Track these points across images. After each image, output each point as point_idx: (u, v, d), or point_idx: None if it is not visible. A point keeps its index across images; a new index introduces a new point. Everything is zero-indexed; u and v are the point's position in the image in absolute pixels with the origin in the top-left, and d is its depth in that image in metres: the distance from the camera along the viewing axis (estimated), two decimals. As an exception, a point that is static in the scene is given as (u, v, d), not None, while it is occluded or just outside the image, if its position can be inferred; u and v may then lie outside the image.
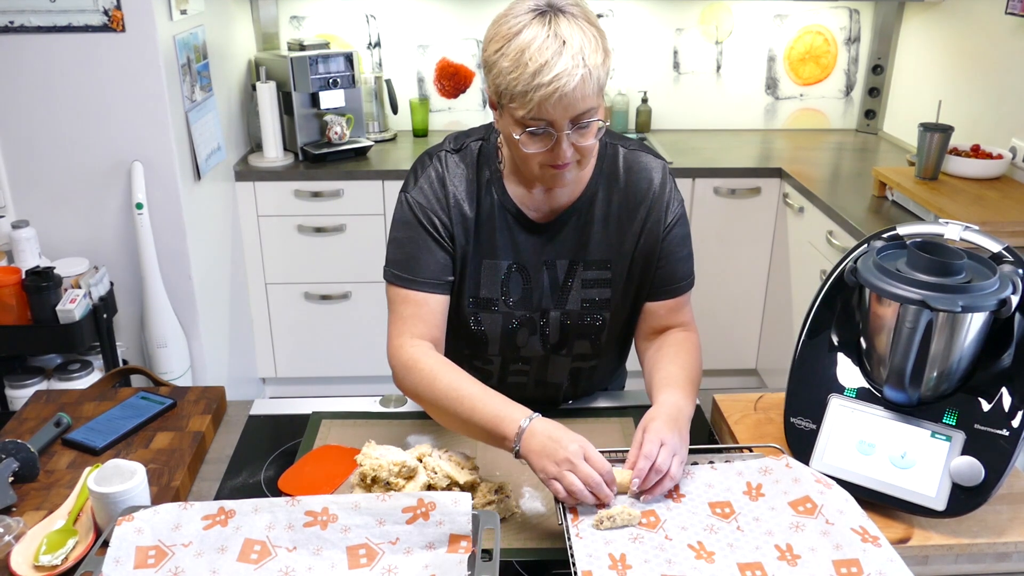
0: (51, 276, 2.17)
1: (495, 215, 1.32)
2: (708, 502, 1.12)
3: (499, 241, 1.33)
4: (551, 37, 1.11)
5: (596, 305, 1.36)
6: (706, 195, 3.01)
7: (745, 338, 3.26)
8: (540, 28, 1.11)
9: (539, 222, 1.33)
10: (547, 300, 1.35)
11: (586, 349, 1.40)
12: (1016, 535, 1.14)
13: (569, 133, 1.16)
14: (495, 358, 1.41)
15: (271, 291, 3.11)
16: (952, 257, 1.15)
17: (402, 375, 1.27)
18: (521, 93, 1.12)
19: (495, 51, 1.15)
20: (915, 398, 1.18)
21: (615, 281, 1.35)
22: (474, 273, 1.34)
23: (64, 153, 2.36)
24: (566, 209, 1.32)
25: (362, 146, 3.07)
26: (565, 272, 1.35)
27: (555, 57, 1.10)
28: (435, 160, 1.33)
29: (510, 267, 1.34)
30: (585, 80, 1.12)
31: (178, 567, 0.99)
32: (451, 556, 1.00)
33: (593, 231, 1.33)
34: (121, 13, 2.24)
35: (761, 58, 3.45)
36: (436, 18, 3.33)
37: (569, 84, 1.10)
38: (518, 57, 1.11)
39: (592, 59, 1.12)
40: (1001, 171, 2.55)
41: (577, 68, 1.10)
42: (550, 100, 1.11)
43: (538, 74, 1.10)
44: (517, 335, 1.37)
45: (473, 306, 1.35)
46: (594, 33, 1.14)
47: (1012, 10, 2.62)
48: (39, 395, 1.47)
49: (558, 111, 1.13)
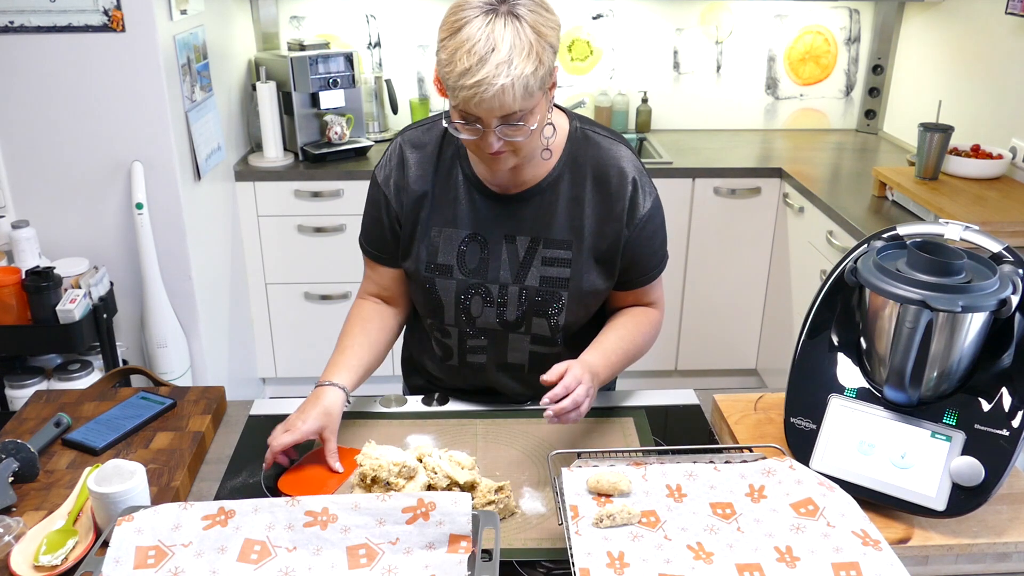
0: (51, 276, 2.17)
1: (458, 186, 1.39)
2: (709, 502, 1.12)
3: (459, 211, 1.39)
4: (483, 41, 1.15)
5: (555, 283, 1.39)
6: (706, 195, 3.01)
7: (745, 338, 3.26)
8: (480, 28, 1.15)
9: (502, 194, 1.38)
10: (505, 273, 1.40)
11: (544, 331, 1.43)
12: (1016, 535, 1.14)
13: (499, 128, 1.21)
14: (452, 329, 1.45)
15: (271, 291, 3.11)
16: (952, 257, 1.15)
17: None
18: (450, 88, 1.19)
19: (440, 39, 1.20)
20: (915, 398, 1.18)
21: (575, 262, 1.38)
22: (432, 240, 1.40)
23: (64, 153, 2.36)
24: (530, 187, 1.37)
25: (362, 146, 3.07)
26: (526, 248, 1.39)
27: (479, 64, 1.14)
28: (400, 137, 1.43)
29: (468, 236, 1.39)
30: (506, 89, 1.15)
31: (178, 567, 0.99)
32: (451, 556, 1.00)
33: (557, 211, 1.38)
34: (121, 13, 2.24)
35: (761, 58, 3.45)
36: (436, 18, 3.30)
37: (488, 91, 1.15)
38: (452, 54, 1.17)
39: (519, 68, 1.15)
40: (1001, 171, 2.55)
41: (498, 77, 1.14)
42: (471, 101, 1.17)
43: (463, 75, 1.15)
44: (471, 303, 1.41)
45: (429, 271, 1.41)
46: (533, 40, 1.17)
47: (1012, 10, 2.62)
48: (39, 395, 1.47)
49: (481, 111, 1.19)
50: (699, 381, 3.33)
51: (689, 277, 3.14)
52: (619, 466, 1.16)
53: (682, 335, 3.24)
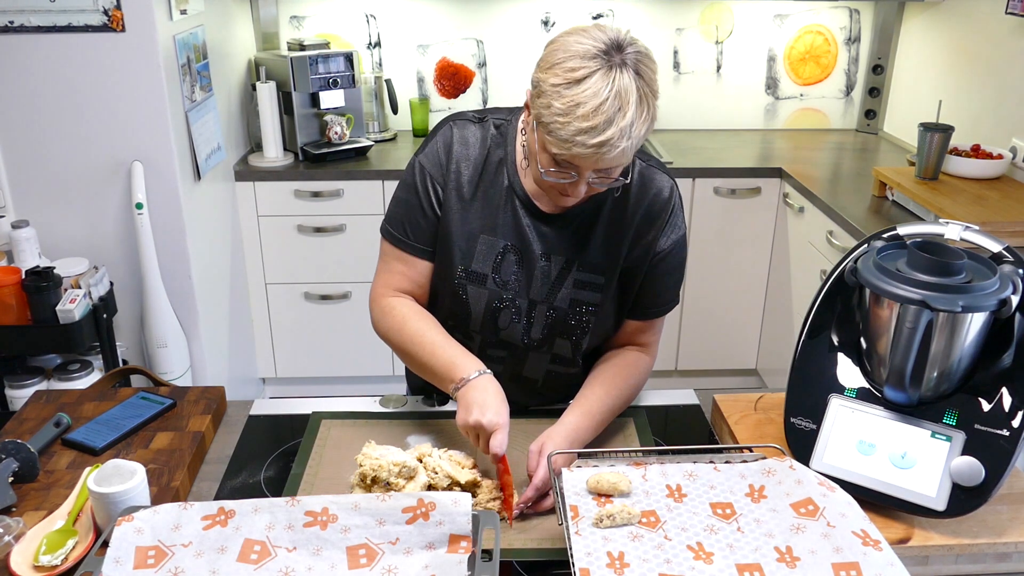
0: (51, 276, 2.17)
1: (501, 194, 1.35)
2: (710, 503, 1.12)
3: (500, 220, 1.35)
4: (610, 100, 1.10)
5: (584, 307, 1.37)
6: (706, 195, 3.01)
7: (745, 338, 3.26)
8: (603, 84, 1.11)
9: (545, 211, 1.35)
10: (536, 291, 1.37)
11: (566, 351, 1.41)
12: (1016, 535, 1.14)
13: (591, 178, 1.20)
14: (476, 335, 1.42)
15: (271, 291, 3.11)
16: (952, 257, 1.15)
17: (378, 318, 1.40)
18: (562, 139, 1.13)
19: (552, 85, 1.13)
20: (915, 398, 1.18)
21: (606, 288, 1.37)
22: (470, 245, 1.36)
23: (64, 153, 2.36)
24: (573, 208, 1.33)
25: (362, 146, 3.07)
26: (560, 269, 1.36)
27: (606, 125, 1.11)
28: (448, 126, 1.38)
29: (506, 247, 1.36)
30: (625, 151, 1.14)
31: (178, 567, 0.99)
32: (451, 556, 1.00)
33: (595, 235, 1.35)
34: (121, 13, 2.24)
35: (761, 58, 3.45)
36: (436, 18, 3.33)
37: (611, 153, 1.13)
38: (572, 108, 1.11)
39: (638, 130, 1.14)
40: (1001, 171, 2.55)
41: (622, 140, 1.12)
42: (587, 158, 1.14)
43: (585, 133, 1.11)
44: (500, 316, 1.38)
45: (464, 277, 1.37)
46: (650, 98, 1.15)
47: (1012, 10, 2.62)
48: (39, 395, 1.47)
49: (589, 166, 1.17)
50: (699, 381, 3.33)
51: (689, 277, 3.14)
52: (619, 466, 1.16)
53: (682, 335, 3.24)
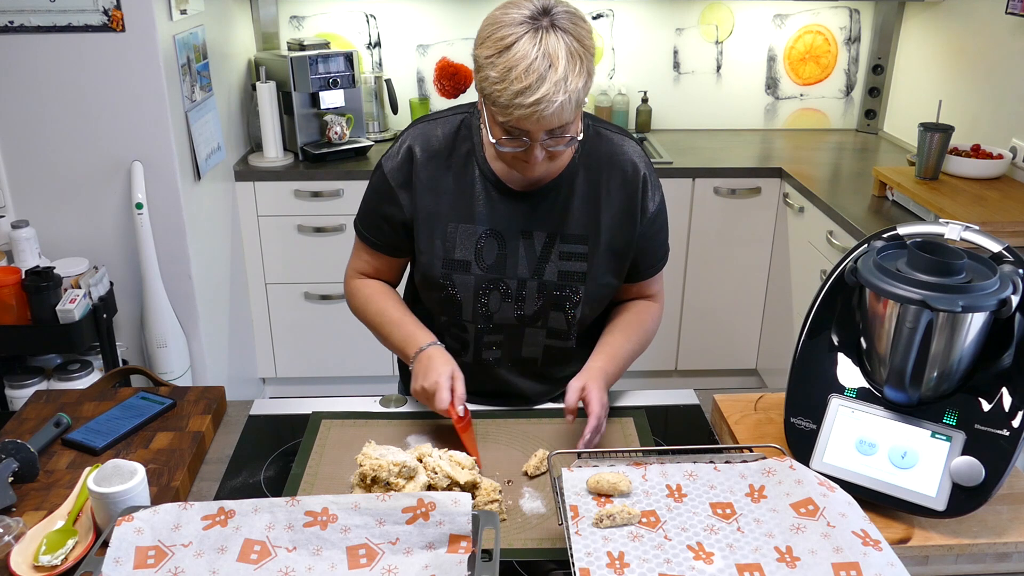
0: (51, 276, 2.17)
1: (474, 182, 1.40)
2: (710, 503, 1.12)
3: (476, 207, 1.40)
4: (539, 59, 1.15)
5: (572, 277, 1.41)
6: (706, 195, 3.01)
7: (745, 338, 3.26)
8: (531, 45, 1.16)
9: (519, 191, 1.39)
10: (523, 269, 1.41)
11: (561, 324, 1.45)
12: (1016, 535, 1.14)
13: (544, 140, 1.23)
14: (469, 325, 1.46)
15: (271, 291, 3.11)
16: (952, 257, 1.15)
17: (349, 299, 1.55)
18: (503, 106, 1.18)
19: (485, 57, 1.19)
20: (915, 398, 1.18)
21: (591, 256, 1.41)
22: (449, 235, 1.40)
23: (64, 153, 2.36)
24: (547, 183, 1.39)
25: (362, 146, 3.07)
26: (543, 244, 1.40)
27: (539, 82, 1.15)
28: (411, 130, 1.44)
29: (485, 232, 1.40)
30: (564, 106, 1.17)
31: (178, 567, 0.99)
32: (451, 556, 1.00)
33: (573, 207, 1.40)
34: (121, 13, 2.24)
35: (761, 58, 3.45)
36: (436, 18, 3.33)
37: (548, 109, 1.17)
38: (505, 73, 1.16)
39: (574, 83, 1.17)
40: (1001, 171, 2.55)
41: (558, 94, 1.16)
42: (529, 119, 1.18)
43: (521, 94, 1.16)
44: (490, 299, 1.42)
45: (447, 268, 1.41)
46: (581, 53, 1.19)
47: (1012, 10, 2.62)
48: (39, 395, 1.47)
49: (534, 126, 1.21)
50: (699, 381, 3.33)
51: (689, 277, 3.14)
52: (619, 466, 1.16)
53: (682, 335, 3.24)
